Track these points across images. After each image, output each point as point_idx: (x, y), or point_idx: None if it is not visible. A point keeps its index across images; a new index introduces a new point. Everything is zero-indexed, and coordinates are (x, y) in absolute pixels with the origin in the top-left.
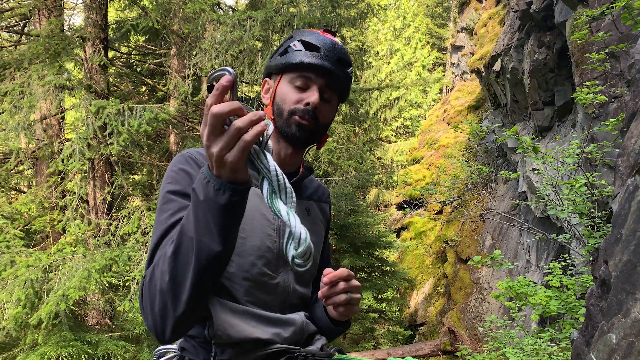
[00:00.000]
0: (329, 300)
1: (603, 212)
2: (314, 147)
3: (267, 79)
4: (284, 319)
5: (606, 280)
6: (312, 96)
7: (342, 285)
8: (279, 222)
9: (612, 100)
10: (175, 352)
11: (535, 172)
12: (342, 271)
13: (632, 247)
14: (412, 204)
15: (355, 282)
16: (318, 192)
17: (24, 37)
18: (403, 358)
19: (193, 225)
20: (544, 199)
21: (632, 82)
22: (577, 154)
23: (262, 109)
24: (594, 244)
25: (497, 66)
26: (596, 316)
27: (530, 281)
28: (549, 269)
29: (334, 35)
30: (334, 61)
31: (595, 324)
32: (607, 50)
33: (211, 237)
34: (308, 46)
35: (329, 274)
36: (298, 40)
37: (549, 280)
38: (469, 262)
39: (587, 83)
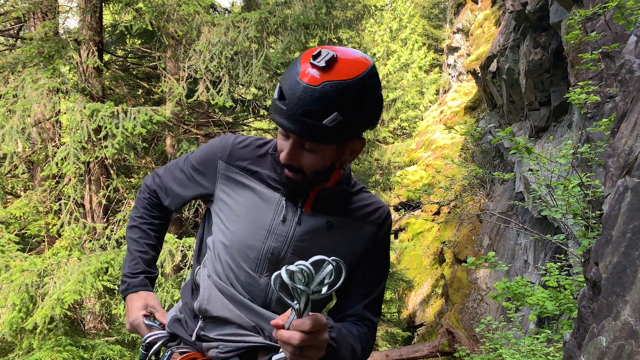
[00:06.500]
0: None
1: (597, 212)
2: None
3: None
4: (266, 315)
5: (597, 282)
6: (283, 152)
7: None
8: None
9: (608, 100)
10: (164, 336)
11: (531, 172)
12: (310, 323)
13: (622, 248)
14: (409, 205)
15: (320, 338)
16: (363, 211)
17: (19, 41)
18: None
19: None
20: (539, 199)
21: (622, 82)
22: (571, 154)
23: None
24: (588, 244)
25: (493, 67)
26: (587, 318)
27: (528, 281)
28: (545, 270)
29: (325, 66)
30: (297, 117)
31: (587, 326)
32: (600, 51)
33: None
34: (281, 95)
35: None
36: (279, 84)
37: (547, 281)
38: (462, 264)
39: (580, 83)
